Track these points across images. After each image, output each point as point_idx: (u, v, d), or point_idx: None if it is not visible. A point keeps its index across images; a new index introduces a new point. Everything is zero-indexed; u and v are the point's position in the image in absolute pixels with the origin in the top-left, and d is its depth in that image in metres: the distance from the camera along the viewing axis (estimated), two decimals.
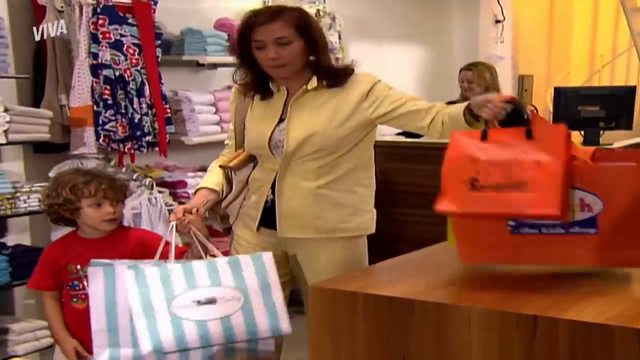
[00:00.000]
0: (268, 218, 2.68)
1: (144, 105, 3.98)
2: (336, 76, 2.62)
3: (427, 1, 6.93)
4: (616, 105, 5.58)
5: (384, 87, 2.63)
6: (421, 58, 6.97)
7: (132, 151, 3.96)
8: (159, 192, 4.02)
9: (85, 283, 2.60)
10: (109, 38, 3.85)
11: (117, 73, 3.87)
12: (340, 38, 5.39)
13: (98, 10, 3.82)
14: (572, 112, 5.56)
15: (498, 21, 7.47)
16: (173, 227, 2.51)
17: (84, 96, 3.77)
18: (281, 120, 2.64)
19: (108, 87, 3.81)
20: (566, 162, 1.84)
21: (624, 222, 1.85)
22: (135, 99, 3.93)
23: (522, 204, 1.83)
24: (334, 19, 5.32)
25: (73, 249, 2.71)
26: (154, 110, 4.04)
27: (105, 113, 3.81)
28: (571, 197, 1.87)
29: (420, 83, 6.79)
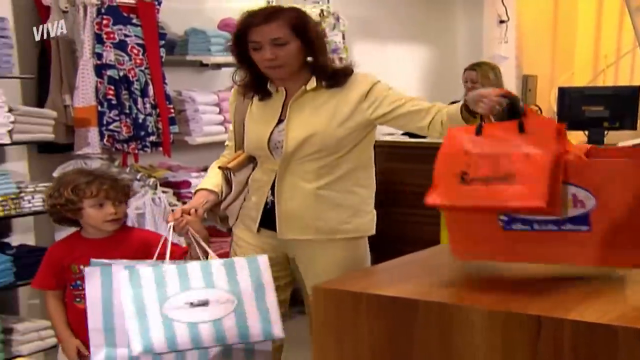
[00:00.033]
0: (268, 219, 2.67)
1: (148, 105, 3.99)
2: (335, 76, 2.61)
3: (431, 1, 6.93)
4: (620, 105, 5.56)
5: (384, 88, 2.62)
6: (425, 58, 6.96)
7: (136, 151, 3.97)
8: (163, 192, 4.02)
9: None
10: (113, 38, 3.86)
11: (121, 73, 3.88)
12: (344, 38, 5.38)
13: (102, 10, 3.83)
14: (577, 112, 5.55)
15: (502, 21, 7.47)
16: (171, 228, 2.51)
17: (88, 96, 3.78)
18: (280, 120, 2.63)
19: (112, 87, 3.82)
20: (555, 155, 1.81)
21: (617, 221, 1.81)
22: (139, 99, 3.94)
23: (509, 197, 1.80)
24: (338, 19, 5.31)
25: (76, 249, 2.71)
26: (158, 110, 4.05)
27: (109, 113, 3.82)
28: (564, 193, 1.83)
29: (424, 83, 6.79)
